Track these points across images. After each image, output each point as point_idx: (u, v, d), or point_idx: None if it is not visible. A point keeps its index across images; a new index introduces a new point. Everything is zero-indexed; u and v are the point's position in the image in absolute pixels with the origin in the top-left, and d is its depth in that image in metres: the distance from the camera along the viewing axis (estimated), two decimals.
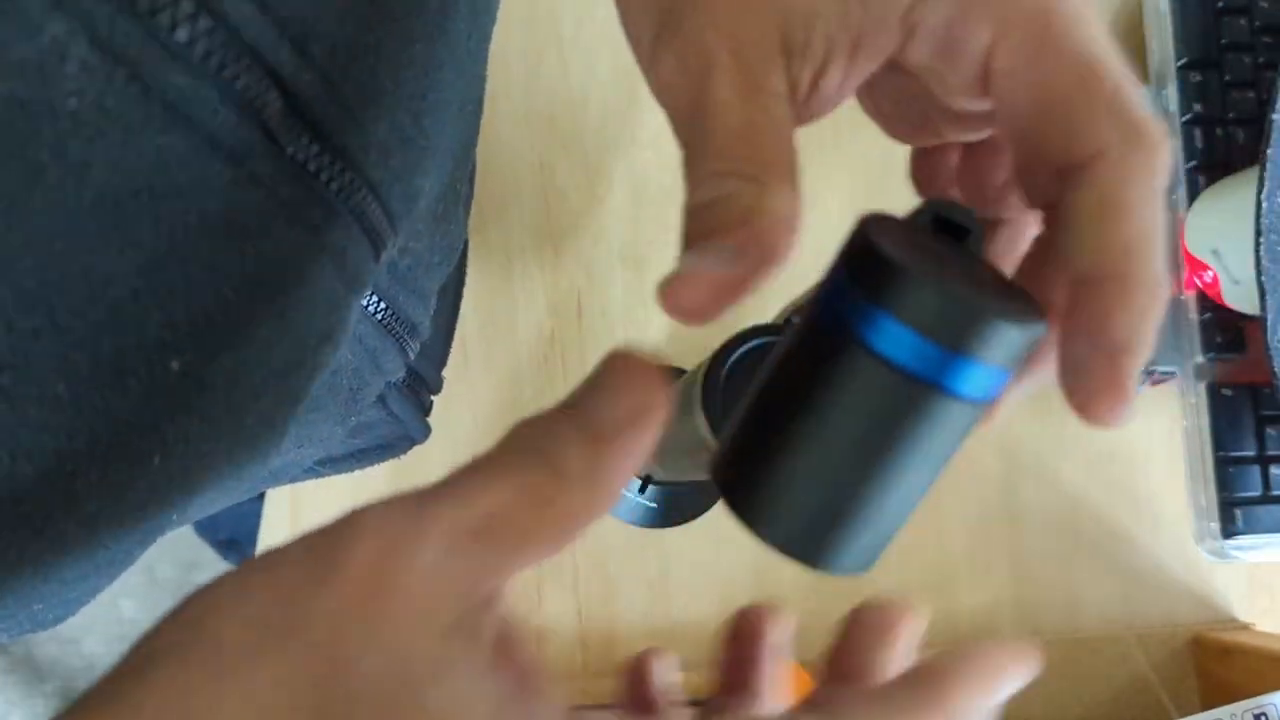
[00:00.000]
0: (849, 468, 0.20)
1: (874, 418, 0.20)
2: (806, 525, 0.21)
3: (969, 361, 0.19)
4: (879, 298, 0.19)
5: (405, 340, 0.37)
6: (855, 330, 0.19)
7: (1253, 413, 0.58)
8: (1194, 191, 0.60)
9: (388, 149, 0.27)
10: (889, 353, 0.19)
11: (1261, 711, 0.52)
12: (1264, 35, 0.61)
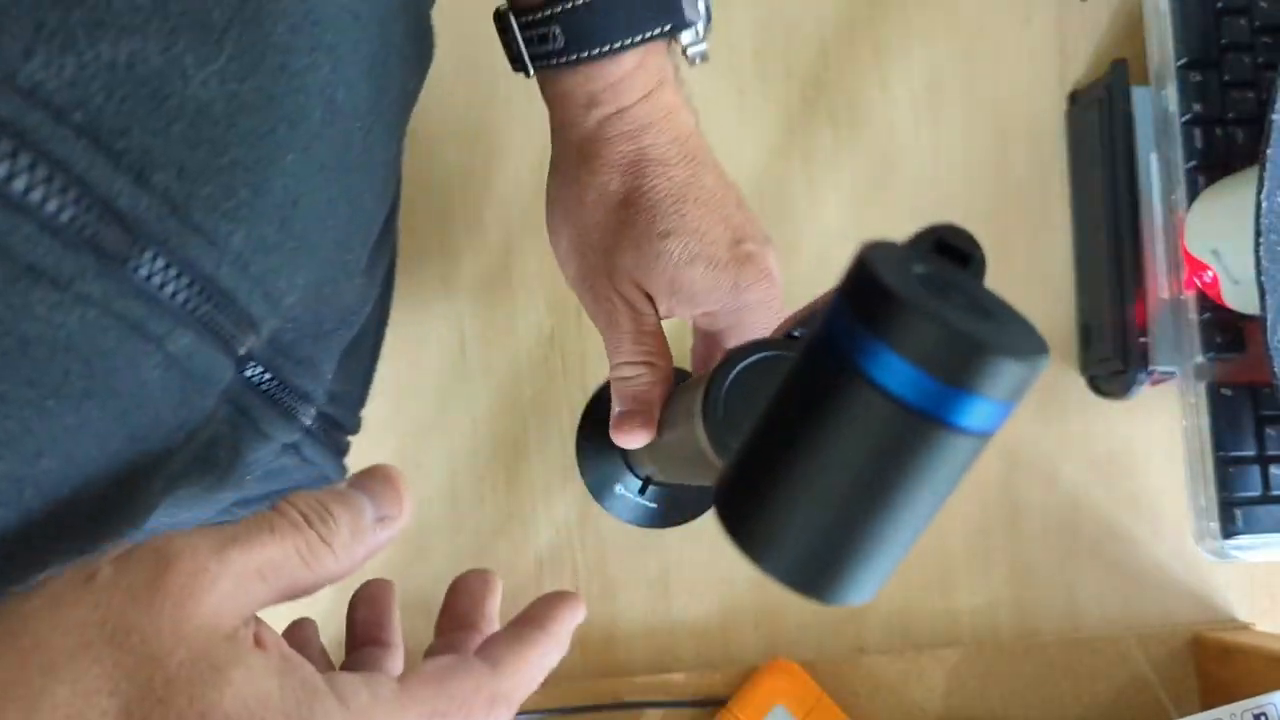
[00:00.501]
0: (849, 500, 0.20)
1: (874, 450, 0.20)
2: (806, 557, 0.21)
3: (972, 396, 0.19)
4: (879, 329, 0.19)
5: (294, 406, 0.41)
6: (855, 361, 0.19)
7: (1253, 413, 0.58)
8: (1194, 191, 0.60)
9: (245, 259, 0.30)
10: (889, 385, 0.19)
11: (1261, 711, 0.52)
12: (1264, 35, 0.61)
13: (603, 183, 0.41)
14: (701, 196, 0.41)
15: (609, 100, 0.41)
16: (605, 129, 0.41)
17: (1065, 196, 0.66)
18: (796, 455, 0.20)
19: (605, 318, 0.42)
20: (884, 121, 0.66)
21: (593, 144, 0.42)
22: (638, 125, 0.41)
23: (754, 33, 0.66)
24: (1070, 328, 0.65)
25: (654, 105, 0.41)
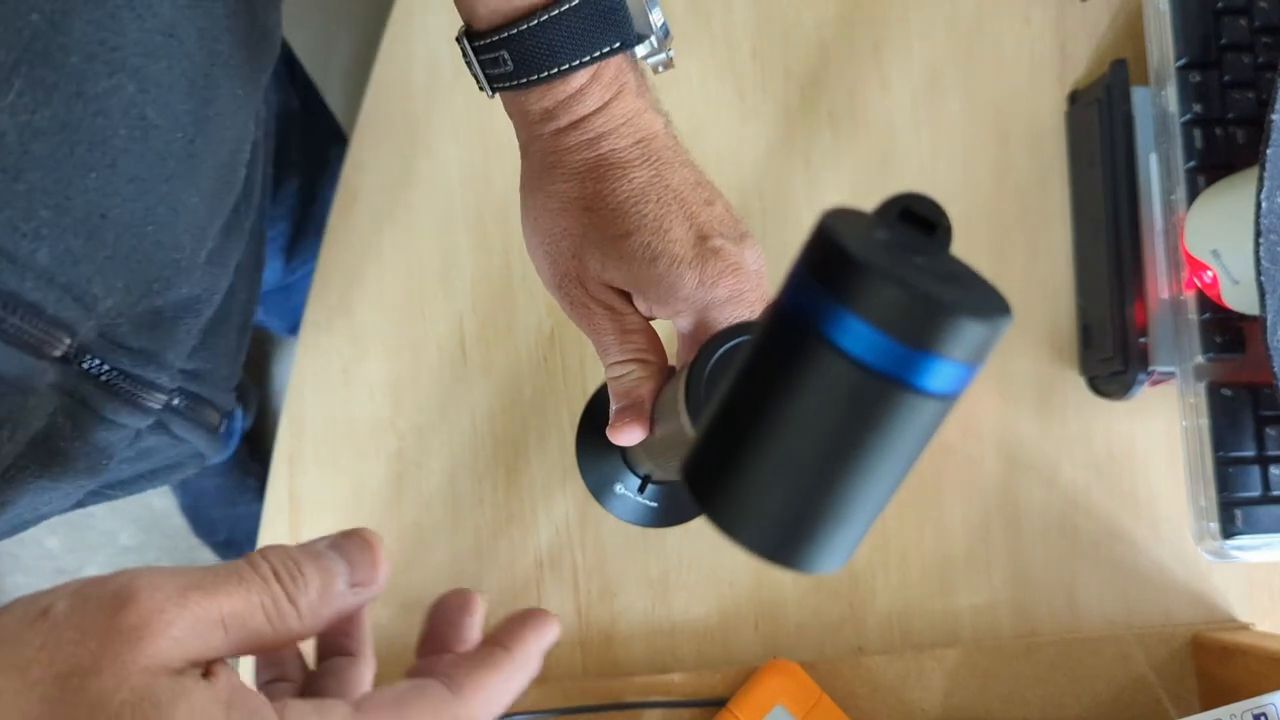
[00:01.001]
0: (816, 466, 0.20)
1: (840, 415, 0.19)
2: (777, 526, 0.21)
3: (935, 358, 0.19)
4: (841, 294, 0.19)
5: (137, 393, 0.44)
6: (818, 326, 0.19)
7: (1252, 413, 0.58)
8: (1193, 192, 0.60)
9: (51, 273, 0.33)
10: (853, 349, 0.19)
11: (1261, 711, 0.52)
12: (1263, 35, 0.61)
13: (565, 190, 0.43)
14: (664, 196, 0.42)
15: (563, 114, 0.42)
16: (563, 140, 0.42)
17: (1065, 196, 0.66)
18: (762, 423, 0.20)
19: (585, 322, 0.43)
20: (884, 121, 0.66)
21: (553, 154, 0.43)
22: (595, 133, 0.42)
23: (753, 33, 0.66)
24: (1070, 328, 0.65)
25: (611, 114, 0.42)
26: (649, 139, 0.43)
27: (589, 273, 0.42)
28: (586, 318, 0.43)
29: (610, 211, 0.41)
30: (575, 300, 0.43)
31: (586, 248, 0.42)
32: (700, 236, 0.41)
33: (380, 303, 0.63)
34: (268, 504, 0.61)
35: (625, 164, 0.42)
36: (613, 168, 0.42)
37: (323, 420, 0.62)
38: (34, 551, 1.35)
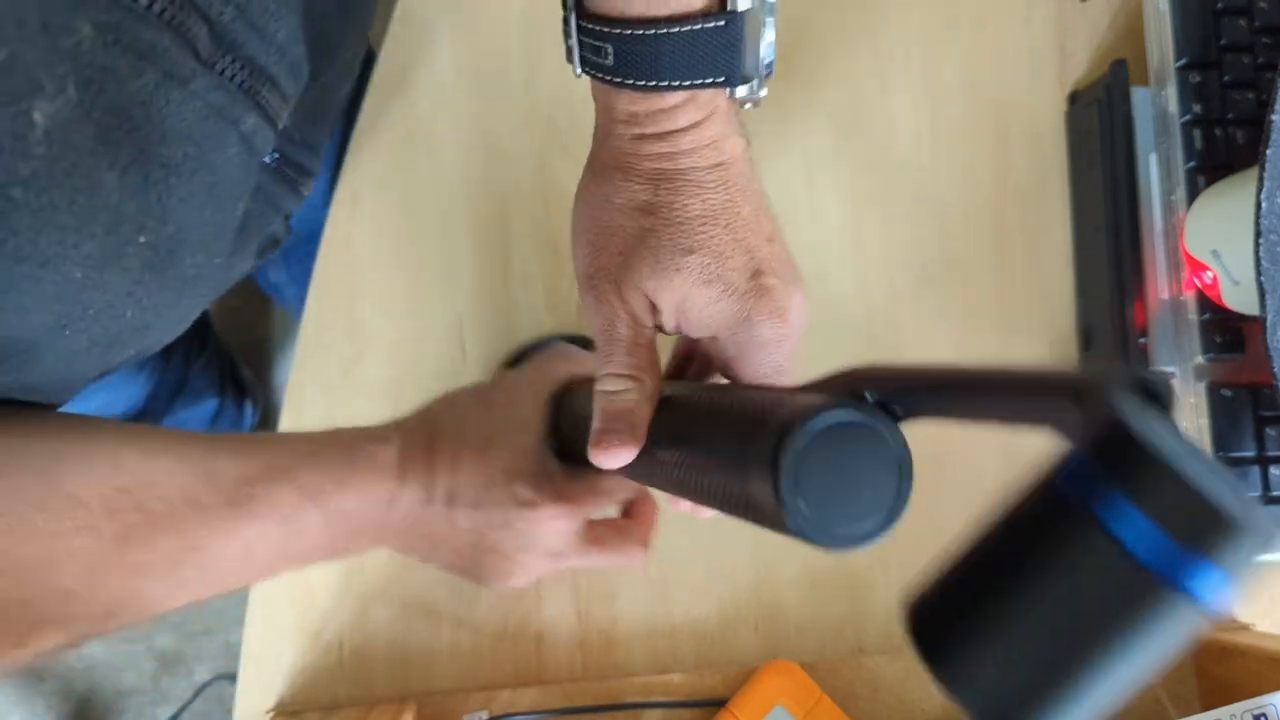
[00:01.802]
0: (1057, 645, 0.20)
1: (1094, 599, 0.19)
2: (1001, 694, 0.20)
3: (1207, 564, 0.19)
4: (1127, 484, 0.19)
5: (297, 182, 0.51)
6: (1094, 510, 0.19)
7: (1252, 413, 0.58)
8: (1193, 192, 0.60)
9: (283, 49, 0.40)
10: (1126, 539, 0.19)
11: (1261, 712, 0.52)
12: (1263, 36, 0.61)
13: (633, 191, 0.42)
14: (733, 223, 0.42)
15: (650, 123, 0.41)
16: (644, 146, 0.42)
17: (1065, 196, 0.66)
18: (1012, 590, 0.20)
19: (604, 322, 0.42)
20: (884, 121, 0.66)
21: (630, 156, 0.42)
22: (678, 150, 0.42)
23: None
24: (1070, 328, 0.65)
25: (700, 135, 0.42)
26: (729, 163, 0.43)
27: (630, 277, 0.41)
28: (607, 319, 0.42)
29: (676, 226, 0.41)
30: (603, 297, 0.42)
31: (638, 252, 0.41)
32: (756, 271, 0.41)
33: (380, 303, 0.63)
34: None
35: (700, 184, 0.42)
36: (688, 184, 0.42)
37: (323, 420, 0.62)
38: None
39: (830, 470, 0.27)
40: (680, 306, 0.41)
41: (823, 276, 0.65)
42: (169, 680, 1.34)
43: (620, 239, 0.42)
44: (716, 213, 0.41)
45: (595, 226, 0.43)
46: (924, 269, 0.65)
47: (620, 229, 0.42)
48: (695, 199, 0.41)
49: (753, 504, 0.30)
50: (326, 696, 0.60)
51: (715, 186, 0.42)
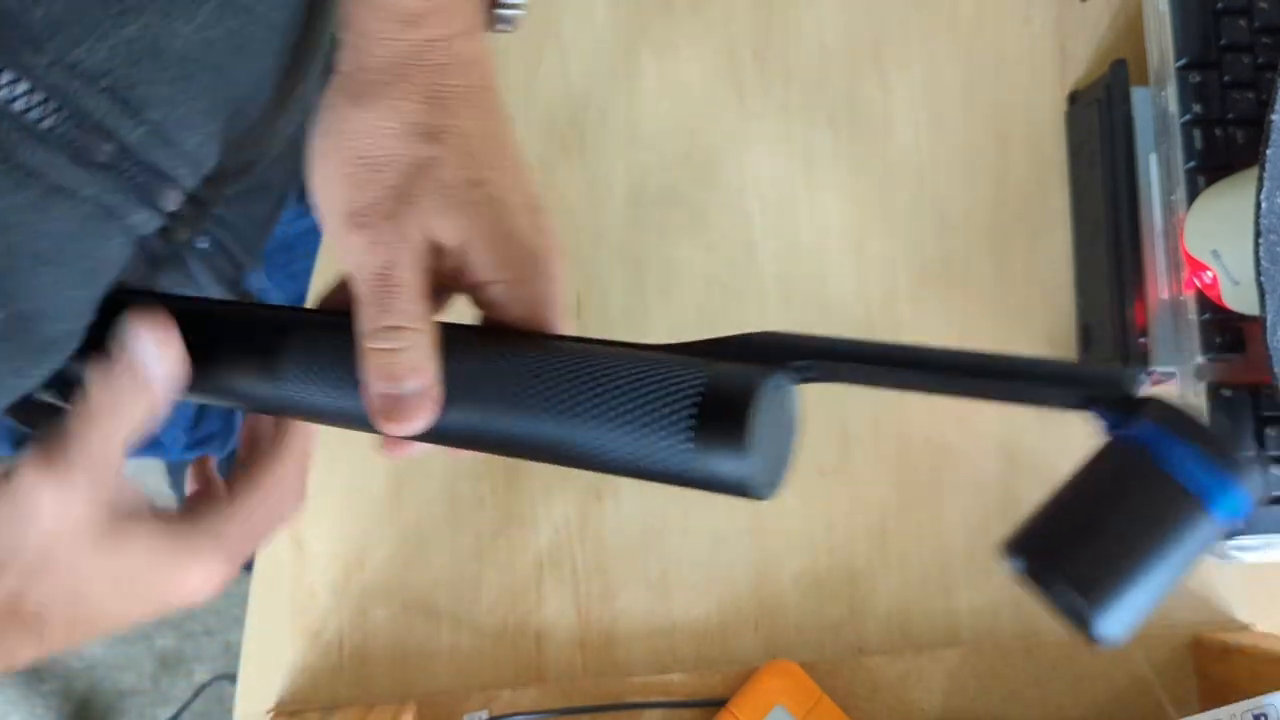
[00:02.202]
0: (1133, 546, 0.28)
1: (1156, 516, 0.28)
2: (1102, 582, 0.29)
3: (1230, 484, 0.27)
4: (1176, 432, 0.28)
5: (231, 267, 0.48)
6: (1152, 452, 0.28)
7: (1252, 413, 0.58)
8: (1193, 192, 0.60)
9: (194, 157, 0.36)
10: (1176, 472, 0.28)
11: (1261, 712, 0.52)
12: (1263, 36, 0.61)
13: (409, 110, 0.37)
14: (512, 155, 0.38)
15: (433, 23, 0.37)
16: (425, 54, 0.37)
17: (1065, 196, 0.66)
18: (1099, 514, 0.29)
19: (381, 265, 0.36)
20: (884, 121, 0.66)
21: (405, 67, 0.37)
22: (459, 60, 0.37)
23: (754, 33, 0.66)
24: (1070, 328, 0.65)
25: (475, 44, 0.38)
26: (494, 87, 0.39)
27: (413, 212, 0.36)
28: (384, 262, 0.36)
29: (462, 153, 0.37)
30: (377, 239, 0.36)
31: (420, 184, 0.36)
32: (535, 207, 0.38)
33: None
34: None
35: (484, 107, 0.38)
36: (469, 106, 0.37)
37: None
38: None
39: (768, 434, 0.31)
40: (467, 247, 0.37)
41: (823, 276, 0.65)
42: (169, 680, 1.34)
43: (395, 170, 0.36)
44: (497, 143, 0.38)
45: (356, 158, 0.37)
46: (924, 269, 0.65)
47: (393, 159, 0.36)
48: (478, 125, 0.37)
49: (680, 467, 0.31)
50: (326, 696, 0.60)
51: (492, 110, 0.38)
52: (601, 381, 0.33)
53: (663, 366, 0.32)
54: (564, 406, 0.33)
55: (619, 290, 0.64)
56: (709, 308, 0.64)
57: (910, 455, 0.64)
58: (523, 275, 0.37)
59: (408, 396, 0.34)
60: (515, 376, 0.34)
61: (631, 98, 0.65)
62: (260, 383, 0.37)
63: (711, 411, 0.31)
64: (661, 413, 0.31)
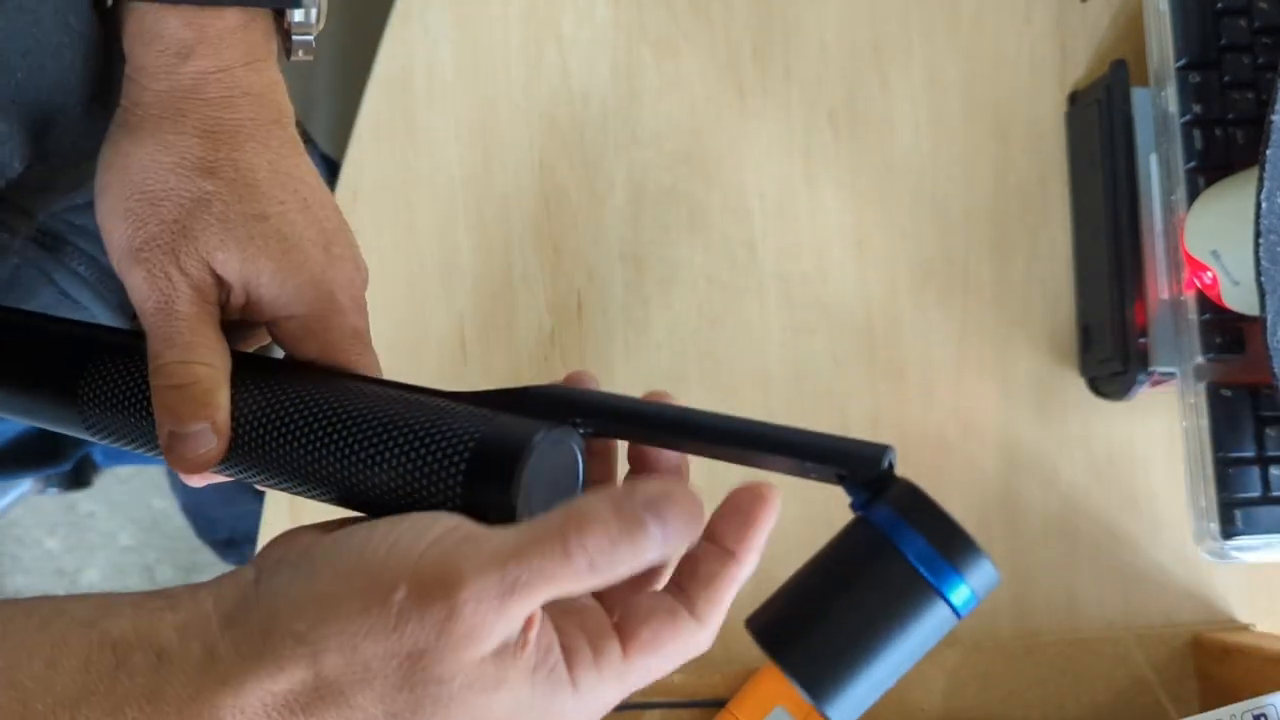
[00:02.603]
0: (866, 630, 0.29)
1: (890, 600, 0.29)
2: (827, 675, 0.29)
3: (960, 577, 0.30)
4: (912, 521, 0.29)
5: None
6: (890, 537, 0.29)
7: (1252, 413, 0.58)
8: (1193, 192, 0.60)
9: None
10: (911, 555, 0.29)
11: (1261, 712, 0.52)
12: (1263, 36, 0.61)
13: (188, 146, 0.37)
14: (300, 189, 0.38)
15: (207, 55, 0.37)
16: (202, 88, 0.37)
17: (1065, 197, 0.66)
18: (833, 598, 0.30)
19: (160, 299, 0.36)
20: (884, 121, 0.66)
21: (184, 101, 0.37)
22: (239, 91, 0.37)
23: (753, 33, 0.66)
24: (1070, 328, 0.65)
25: (259, 76, 0.38)
26: (286, 121, 0.39)
27: (189, 247, 0.36)
28: (163, 295, 0.36)
29: (245, 187, 0.37)
30: (157, 273, 0.36)
31: (200, 219, 0.36)
32: (327, 243, 0.38)
33: (380, 303, 0.63)
34: (267, 504, 0.61)
35: (265, 141, 0.38)
36: (251, 140, 0.37)
37: None
38: (34, 552, 1.36)
39: (541, 481, 0.31)
40: (253, 281, 0.36)
41: (823, 276, 0.65)
42: None
43: (173, 205, 0.36)
44: (285, 176, 0.38)
45: (136, 193, 0.37)
46: (924, 268, 0.65)
47: (171, 193, 0.36)
48: (261, 158, 0.37)
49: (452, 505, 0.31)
50: None
51: (279, 145, 0.38)
52: (380, 428, 0.33)
53: (444, 415, 0.32)
54: (344, 450, 0.33)
55: (619, 290, 0.64)
56: (709, 307, 0.64)
57: (910, 455, 0.63)
58: (313, 310, 0.37)
59: (195, 435, 0.34)
60: (301, 419, 0.34)
61: (631, 97, 0.65)
62: (57, 402, 0.37)
63: (482, 462, 0.31)
64: (436, 461, 0.31)
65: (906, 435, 0.64)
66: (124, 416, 0.36)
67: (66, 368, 0.37)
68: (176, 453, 0.34)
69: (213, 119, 0.37)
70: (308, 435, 0.33)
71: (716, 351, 0.63)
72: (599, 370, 0.63)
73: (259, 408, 0.34)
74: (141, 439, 0.36)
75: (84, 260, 0.51)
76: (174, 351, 0.35)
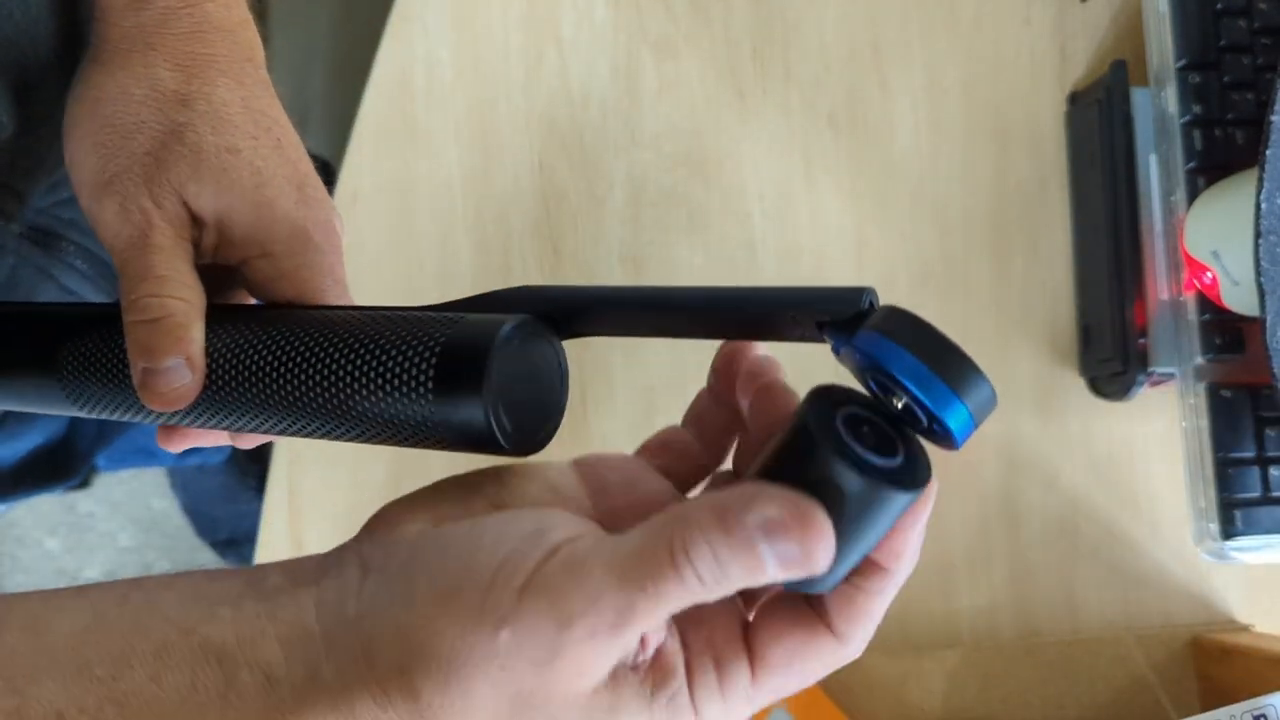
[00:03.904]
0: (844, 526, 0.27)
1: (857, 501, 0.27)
2: None
3: (960, 403, 0.29)
4: (912, 348, 0.29)
5: None
6: (886, 368, 0.29)
7: (1252, 414, 0.58)
8: (1193, 193, 0.60)
9: None
10: (911, 384, 0.29)
11: (1261, 713, 0.52)
12: (1263, 37, 0.61)
13: (160, 77, 0.36)
14: (273, 128, 0.37)
15: None
16: (171, 22, 0.37)
17: (1065, 197, 0.66)
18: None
19: (132, 232, 0.35)
20: (884, 121, 0.66)
21: (153, 35, 0.37)
22: (209, 27, 0.37)
23: (753, 33, 0.66)
24: (1070, 328, 0.65)
25: (229, 13, 0.37)
26: (257, 60, 0.39)
27: (166, 177, 0.35)
28: (137, 227, 0.35)
29: (215, 119, 0.36)
30: (130, 205, 0.35)
31: (173, 150, 0.35)
32: (300, 182, 0.37)
33: (380, 302, 0.63)
34: (267, 503, 0.61)
35: (239, 78, 0.37)
36: (223, 75, 0.37)
37: None
38: (34, 552, 1.35)
39: (516, 382, 0.30)
40: (225, 216, 0.36)
41: (823, 276, 0.65)
42: None
43: (145, 137, 0.36)
44: (258, 114, 0.37)
45: (107, 126, 0.36)
46: (924, 269, 0.65)
47: (143, 125, 0.36)
48: (233, 93, 0.37)
49: (428, 423, 0.31)
50: None
51: (253, 84, 0.38)
52: (351, 341, 0.32)
53: (412, 323, 0.32)
54: (316, 375, 0.32)
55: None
56: None
57: None
58: (287, 248, 0.36)
59: (169, 370, 0.33)
60: (273, 348, 0.33)
61: (631, 99, 0.65)
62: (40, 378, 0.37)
63: (450, 359, 0.30)
64: (405, 363, 0.31)
65: None
66: (102, 381, 0.36)
67: (44, 344, 0.37)
68: (151, 388, 0.33)
69: (184, 52, 0.36)
70: (280, 364, 0.33)
71: None
72: (598, 374, 0.63)
73: (232, 344, 0.34)
74: (123, 403, 0.36)
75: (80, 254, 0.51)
76: (147, 285, 0.34)
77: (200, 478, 1.19)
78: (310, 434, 0.34)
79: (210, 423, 0.35)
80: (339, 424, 0.33)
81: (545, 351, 0.32)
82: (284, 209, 0.36)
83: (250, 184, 0.36)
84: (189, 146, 0.35)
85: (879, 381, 0.29)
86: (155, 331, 0.33)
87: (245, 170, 0.36)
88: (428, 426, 0.31)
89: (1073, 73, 0.67)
